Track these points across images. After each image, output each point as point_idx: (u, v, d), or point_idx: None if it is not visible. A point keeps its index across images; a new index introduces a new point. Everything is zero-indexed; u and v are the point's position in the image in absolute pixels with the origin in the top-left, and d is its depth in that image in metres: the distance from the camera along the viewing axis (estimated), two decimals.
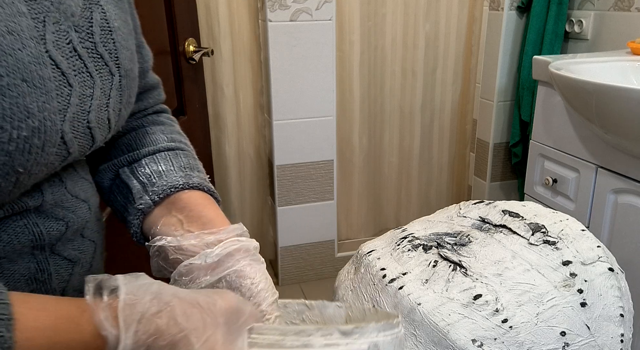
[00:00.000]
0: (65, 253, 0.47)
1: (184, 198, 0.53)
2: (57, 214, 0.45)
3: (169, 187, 0.53)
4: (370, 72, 2.06)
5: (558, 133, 1.39)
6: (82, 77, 0.43)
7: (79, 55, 0.43)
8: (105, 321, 0.35)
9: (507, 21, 1.85)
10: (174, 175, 0.54)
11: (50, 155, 0.40)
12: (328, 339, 0.39)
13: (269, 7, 1.74)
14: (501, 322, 0.55)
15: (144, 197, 0.53)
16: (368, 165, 2.19)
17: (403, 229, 0.74)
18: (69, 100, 0.41)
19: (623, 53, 1.45)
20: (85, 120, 0.43)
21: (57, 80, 0.40)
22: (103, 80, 0.46)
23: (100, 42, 0.45)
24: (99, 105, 0.45)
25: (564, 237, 0.63)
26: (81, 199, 0.49)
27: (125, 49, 0.49)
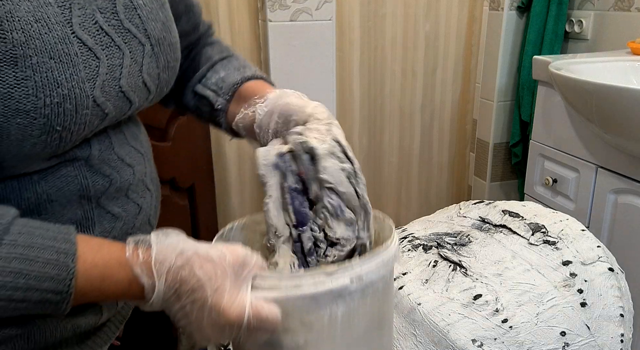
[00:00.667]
0: (109, 208, 0.55)
1: (245, 89, 0.67)
2: (104, 170, 0.54)
3: (232, 85, 0.67)
4: (370, 72, 2.06)
5: (558, 133, 1.39)
6: (110, 51, 0.50)
7: (105, 32, 0.50)
8: (141, 273, 0.45)
9: (507, 21, 1.85)
10: (232, 76, 0.68)
11: (86, 116, 0.48)
12: (315, 279, 0.47)
13: (269, 7, 1.74)
14: (501, 322, 0.55)
15: (219, 100, 0.67)
16: (368, 165, 2.19)
17: (403, 229, 0.74)
18: (98, 70, 0.49)
19: (623, 53, 1.45)
20: (117, 86, 0.51)
21: (84, 55, 0.48)
22: (132, 51, 0.53)
23: (125, 19, 0.53)
24: (130, 72, 0.53)
25: (564, 237, 0.63)
26: (126, 163, 0.57)
27: (154, 21, 0.56)
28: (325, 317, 0.48)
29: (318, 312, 0.48)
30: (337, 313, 0.48)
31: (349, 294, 0.48)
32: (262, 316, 0.45)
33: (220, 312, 0.45)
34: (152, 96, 0.59)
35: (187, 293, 0.46)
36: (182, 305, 0.46)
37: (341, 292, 0.47)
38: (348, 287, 0.47)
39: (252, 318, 0.45)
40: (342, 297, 0.48)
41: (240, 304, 0.45)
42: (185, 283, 0.46)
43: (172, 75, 0.61)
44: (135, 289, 0.46)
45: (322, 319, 0.48)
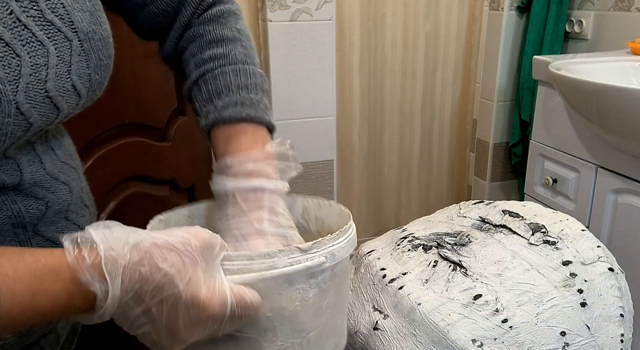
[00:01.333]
0: (49, 234, 0.49)
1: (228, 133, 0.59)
2: (37, 194, 0.47)
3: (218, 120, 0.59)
4: (370, 72, 2.06)
5: (558, 133, 1.39)
6: (31, 47, 0.43)
7: (24, 25, 0.43)
8: (91, 279, 0.37)
9: (507, 21, 1.85)
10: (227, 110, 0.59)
11: (8, 125, 0.41)
12: (291, 258, 0.44)
13: (269, 7, 1.74)
14: (501, 322, 0.55)
15: (201, 120, 0.61)
16: (368, 165, 2.19)
17: (403, 229, 0.74)
18: (20, 71, 0.42)
19: (623, 53, 1.45)
20: (43, 90, 0.44)
21: (1, 52, 0.40)
22: (58, 48, 0.46)
23: (47, 9, 0.45)
24: (58, 73, 0.46)
25: (564, 237, 0.63)
26: (61, 181, 0.51)
27: (81, 12, 0.48)
28: (298, 296, 0.45)
29: (290, 292, 0.45)
30: (309, 293, 0.45)
31: (322, 272, 0.46)
32: (246, 302, 0.41)
33: (200, 305, 0.40)
34: (82, 101, 0.51)
35: (152, 292, 0.39)
36: (146, 309, 0.39)
37: (315, 270, 0.45)
38: (322, 265, 0.45)
39: (236, 306, 0.41)
40: (315, 276, 0.45)
41: (221, 292, 0.41)
42: (148, 281, 0.39)
43: (105, 75, 0.54)
44: (78, 299, 0.38)
45: (294, 299, 0.45)
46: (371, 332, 0.61)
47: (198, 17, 0.62)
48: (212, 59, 0.60)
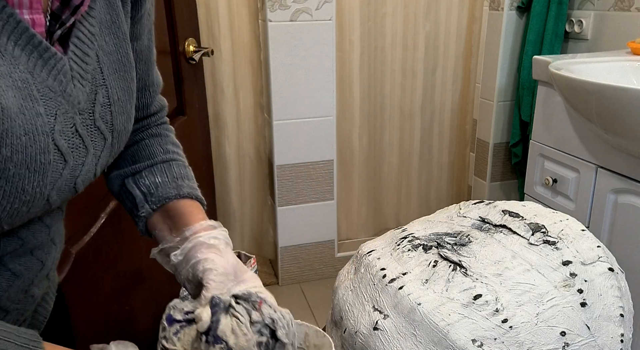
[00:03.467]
0: (11, 266, 0.50)
1: (175, 208, 0.64)
2: (21, 234, 0.50)
3: (164, 198, 0.64)
4: (370, 72, 2.06)
5: (558, 133, 1.39)
6: (77, 152, 0.48)
7: (79, 134, 0.48)
8: None
9: (507, 21, 1.85)
10: (167, 187, 0.65)
11: (34, 213, 0.46)
12: None
13: (269, 7, 1.74)
14: (501, 322, 0.55)
15: (145, 206, 0.63)
16: (368, 165, 2.19)
17: (403, 229, 0.74)
18: (62, 173, 0.46)
19: (623, 53, 1.45)
20: (73, 184, 0.49)
21: (55, 162, 0.45)
22: (96, 148, 0.51)
23: (99, 118, 0.51)
24: (88, 169, 0.51)
25: (564, 237, 0.63)
26: (45, 224, 0.54)
27: (122, 115, 0.54)
28: None
29: None
30: None
31: None
32: None
33: None
34: (93, 180, 0.56)
35: None
36: None
37: None
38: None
39: None
40: None
41: None
42: None
43: (116, 156, 0.59)
44: None
45: None
46: (371, 332, 0.61)
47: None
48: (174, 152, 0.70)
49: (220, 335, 0.51)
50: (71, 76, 0.46)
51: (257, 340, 0.52)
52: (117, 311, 1.22)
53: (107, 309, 1.19)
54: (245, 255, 1.40)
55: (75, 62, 0.47)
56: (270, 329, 0.54)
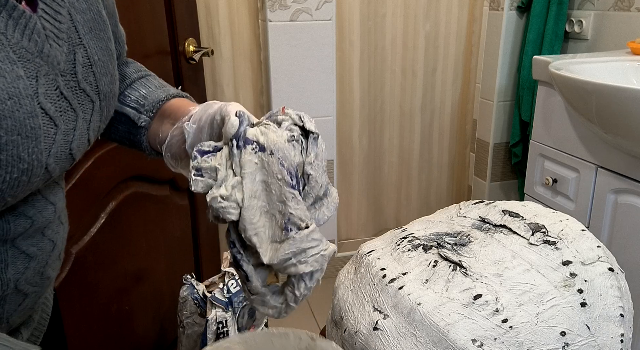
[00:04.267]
0: (24, 247, 0.51)
1: (169, 106, 0.63)
2: (27, 212, 0.50)
3: (157, 102, 0.63)
4: (370, 72, 2.06)
5: (558, 133, 1.39)
6: (66, 116, 0.47)
7: (64, 97, 0.47)
8: None
9: (507, 21, 1.85)
10: (156, 94, 0.64)
11: (36, 183, 0.46)
12: None
13: (269, 7, 1.74)
14: (501, 322, 0.55)
15: (141, 116, 0.63)
16: (368, 165, 2.19)
17: (403, 229, 0.74)
18: (55, 138, 0.46)
19: (623, 53, 1.45)
20: (68, 150, 0.48)
21: (45, 126, 0.44)
22: (84, 111, 0.50)
23: (82, 79, 0.49)
24: (81, 133, 0.50)
25: (564, 237, 0.63)
26: (50, 201, 0.53)
27: (105, 75, 0.53)
28: None
29: None
30: None
31: None
32: None
33: None
34: (89, 147, 0.56)
35: None
36: None
37: None
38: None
39: None
40: None
41: None
42: None
43: (106, 123, 0.58)
44: None
45: None
46: (371, 332, 0.61)
47: None
48: None
49: (250, 136, 0.49)
50: (45, 36, 0.45)
51: (289, 136, 0.51)
52: (117, 311, 1.22)
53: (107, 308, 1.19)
54: None
55: (47, 20, 0.46)
56: (300, 128, 0.53)
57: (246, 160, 0.49)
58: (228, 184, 0.49)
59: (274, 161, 0.49)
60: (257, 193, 0.50)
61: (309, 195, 0.52)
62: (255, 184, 0.49)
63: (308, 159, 0.52)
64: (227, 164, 0.50)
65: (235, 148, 0.50)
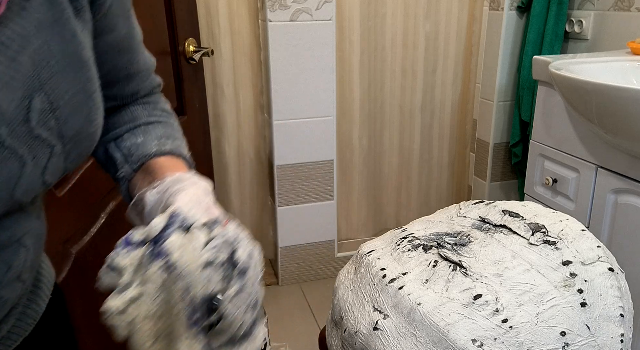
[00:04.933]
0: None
1: (155, 163, 0.60)
2: None
3: (143, 156, 0.60)
4: (370, 72, 2.06)
5: (558, 133, 1.39)
6: (6, 165, 0.44)
7: (5, 146, 0.44)
8: None
9: (507, 21, 1.85)
10: (148, 145, 0.61)
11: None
12: None
13: (269, 7, 1.74)
14: (501, 322, 0.55)
15: (125, 166, 0.61)
16: (368, 165, 2.19)
17: (403, 229, 0.74)
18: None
19: (623, 53, 1.45)
20: (9, 196, 0.46)
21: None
22: (37, 157, 0.46)
23: (37, 126, 0.46)
24: (31, 181, 0.47)
25: (564, 237, 0.63)
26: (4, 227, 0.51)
27: (74, 118, 0.49)
28: None
29: None
30: None
31: None
32: None
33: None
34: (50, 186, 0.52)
35: None
36: None
37: None
38: None
39: None
40: None
41: None
42: None
43: (81, 161, 0.54)
44: None
45: None
46: (371, 332, 0.61)
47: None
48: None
49: (165, 248, 0.44)
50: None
51: (210, 258, 0.44)
52: None
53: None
54: None
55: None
56: (232, 254, 0.46)
57: (151, 275, 0.44)
58: (127, 294, 0.44)
59: (178, 288, 0.43)
60: (156, 315, 0.44)
61: (222, 333, 0.45)
62: (154, 304, 0.44)
63: (227, 293, 0.44)
64: (137, 268, 0.45)
65: (149, 254, 0.45)
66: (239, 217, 2.12)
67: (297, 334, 1.79)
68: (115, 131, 0.63)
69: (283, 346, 1.69)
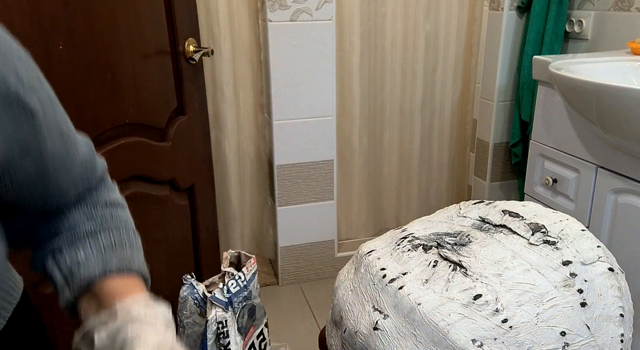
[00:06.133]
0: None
1: (101, 289, 0.54)
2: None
3: (86, 280, 0.53)
4: (370, 72, 2.06)
5: (558, 133, 1.39)
6: None
7: None
8: None
9: (507, 21, 1.85)
10: (91, 265, 0.54)
11: None
12: None
13: (269, 7, 1.74)
14: (501, 322, 0.55)
15: (65, 291, 0.54)
16: (368, 165, 2.19)
17: (403, 229, 0.74)
18: None
19: (623, 53, 1.45)
20: None
21: None
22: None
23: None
24: None
25: (564, 237, 0.63)
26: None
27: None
28: None
29: None
30: None
31: None
32: None
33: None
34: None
35: None
36: None
37: None
38: None
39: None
40: None
41: None
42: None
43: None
44: None
45: None
46: (371, 332, 0.61)
47: None
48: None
49: None
50: None
51: None
52: None
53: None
54: (245, 255, 1.40)
55: None
56: None
57: None
58: None
59: None
60: None
61: None
62: None
63: None
64: None
65: None
66: (239, 217, 2.12)
67: (297, 334, 1.79)
68: (52, 242, 0.55)
69: (283, 346, 1.69)
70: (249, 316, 1.32)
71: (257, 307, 1.36)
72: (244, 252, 1.41)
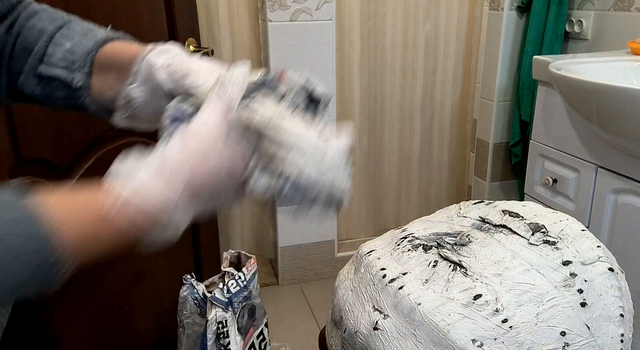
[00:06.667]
0: None
1: (104, 56, 0.53)
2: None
3: (87, 55, 0.52)
4: (370, 72, 2.06)
5: (558, 133, 1.39)
6: None
7: None
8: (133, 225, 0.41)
9: (507, 21, 1.85)
10: (82, 44, 0.53)
11: None
12: None
13: (269, 7, 1.74)
14: (501, 322, 0.55)
15: (75, 76, 0.52)
16: (368, 165, 2.19)
17: (403, 229, 0.74)
18: None
19: (623, 53, 1.45)
20: None
21: None
22: None
23: None
24: None
25: (564, 237, 0.63)
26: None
27: None
28: None
29: None
30: None
31: None
32: None
33: None
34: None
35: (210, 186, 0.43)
36: None
37: None
38: None
39: None
40: None
41: None
42: (199, 192, 0.43)
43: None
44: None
45: None
46: (371, 332, 0.61)
47: None
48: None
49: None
50: None
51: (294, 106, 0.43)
52: (117, 311, 1.22)
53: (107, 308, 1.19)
54: (245, 255, 1.40)
55: None
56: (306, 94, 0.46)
57: None
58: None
59: None
60: None
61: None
62: None
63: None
64: None
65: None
66: (239, 217, 2.12)
67: (297, 334, 1.79)
68: (32, 54, 0.53)
69: (283, 346, 1.69)
70: (249, 316, 1.32)
71: (257, 307, 1.36)
72: (244, 252, 1.41)
